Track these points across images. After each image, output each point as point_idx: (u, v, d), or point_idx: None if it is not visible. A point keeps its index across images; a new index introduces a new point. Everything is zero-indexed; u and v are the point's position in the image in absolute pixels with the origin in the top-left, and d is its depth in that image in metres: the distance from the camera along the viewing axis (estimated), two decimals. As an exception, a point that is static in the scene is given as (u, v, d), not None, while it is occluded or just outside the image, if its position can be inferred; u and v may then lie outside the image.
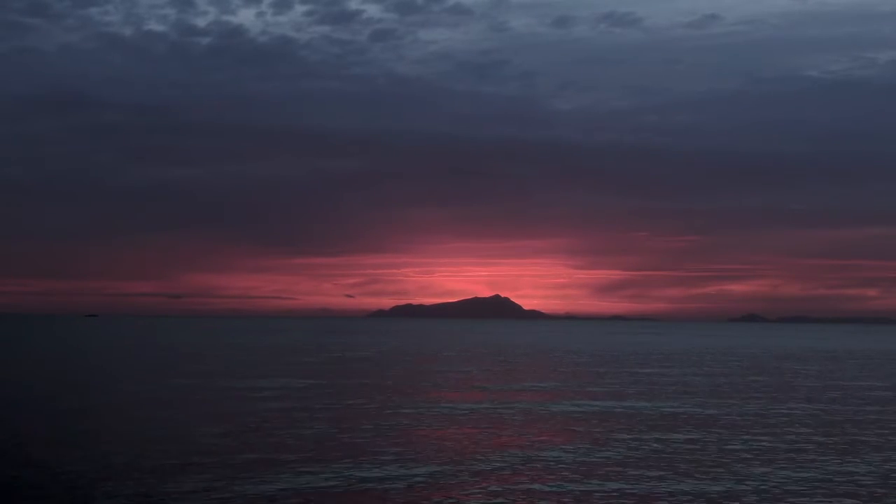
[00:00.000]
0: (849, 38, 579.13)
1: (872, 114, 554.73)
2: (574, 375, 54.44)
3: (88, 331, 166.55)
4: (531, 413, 33.47)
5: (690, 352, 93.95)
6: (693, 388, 45.34)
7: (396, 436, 26.94)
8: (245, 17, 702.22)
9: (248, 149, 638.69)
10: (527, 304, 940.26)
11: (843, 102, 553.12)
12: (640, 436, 27.46)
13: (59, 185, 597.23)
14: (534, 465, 22.23)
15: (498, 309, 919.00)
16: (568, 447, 25.09)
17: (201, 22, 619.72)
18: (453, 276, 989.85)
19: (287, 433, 27.13)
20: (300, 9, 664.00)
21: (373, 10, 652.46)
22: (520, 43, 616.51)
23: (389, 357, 75.53)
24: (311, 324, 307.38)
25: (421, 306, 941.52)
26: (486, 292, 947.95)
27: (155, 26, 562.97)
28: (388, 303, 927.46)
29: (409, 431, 28.01)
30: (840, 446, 26.15)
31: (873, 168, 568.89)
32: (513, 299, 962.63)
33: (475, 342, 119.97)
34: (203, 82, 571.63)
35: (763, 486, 20.03)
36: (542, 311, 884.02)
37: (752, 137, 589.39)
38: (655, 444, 25.78)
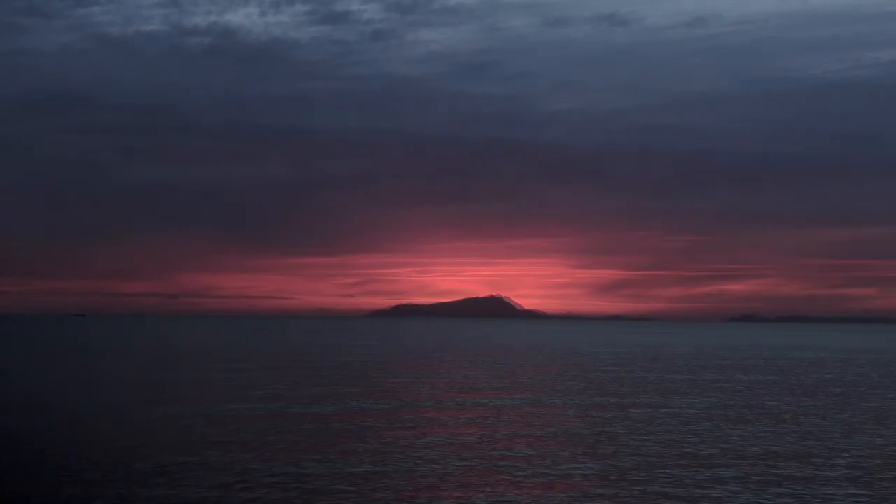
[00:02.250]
0: (850, 37, 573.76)
1: (873, 114, 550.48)
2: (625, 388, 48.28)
3: (61, 331, 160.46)
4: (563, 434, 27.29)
5: (727, 354, 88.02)
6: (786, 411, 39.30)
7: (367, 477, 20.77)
8: (244, 16, 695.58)
9: (246, 148, 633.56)
10: (526, 303, 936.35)
11: (845, 102, 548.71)
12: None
13: (56, 185, 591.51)
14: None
15: (496, 308, 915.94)
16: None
17: (200, 22, 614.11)
18: (451, 275, 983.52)
19: (234, 469, 20.91)
20: (299, 9, 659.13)
21: (371, 11, 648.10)
22: (517, 43, 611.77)
23: (383, 360, 69.47)
24: (308, 324, 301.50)
25: (419, 306, 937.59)
26: (484, 292, 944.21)
27: (153, 26, 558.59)
28: (385, 302, 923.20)
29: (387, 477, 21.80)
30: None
31: (873, 168, 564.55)
32: (512, 299, 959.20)
33: (476, 343, 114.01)
34: (201, 82, 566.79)
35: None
36: (542, 310, 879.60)
37: (752, 137, 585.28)
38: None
